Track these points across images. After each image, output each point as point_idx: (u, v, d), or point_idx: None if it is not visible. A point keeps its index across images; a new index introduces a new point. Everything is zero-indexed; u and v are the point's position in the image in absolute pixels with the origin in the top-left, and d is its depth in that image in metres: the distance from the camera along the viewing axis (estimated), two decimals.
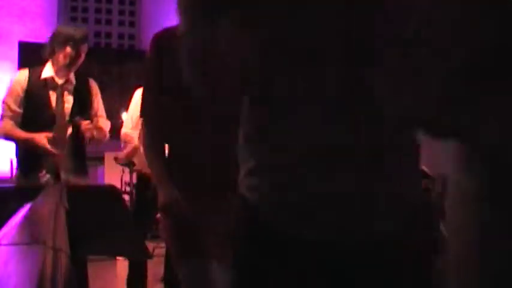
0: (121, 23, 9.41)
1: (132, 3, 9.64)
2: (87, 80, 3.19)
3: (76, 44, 2.97)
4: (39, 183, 2.78)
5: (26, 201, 0.95)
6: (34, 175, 2.90)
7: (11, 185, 3.85)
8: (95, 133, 3.07)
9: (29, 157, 3.00)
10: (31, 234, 0.54)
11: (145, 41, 9.24)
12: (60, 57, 2.97)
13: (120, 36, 9.37)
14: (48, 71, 3.03)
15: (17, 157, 3.18)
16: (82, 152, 3.14)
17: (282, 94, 0.93)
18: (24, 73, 3.07)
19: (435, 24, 0.84)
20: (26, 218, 0.72)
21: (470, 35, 0.84)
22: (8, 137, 3.11)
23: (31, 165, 2.97)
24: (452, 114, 0.86)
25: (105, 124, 3.26)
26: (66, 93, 3.05)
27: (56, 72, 3.02)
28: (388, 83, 0.86)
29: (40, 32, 8.86)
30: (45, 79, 3.02)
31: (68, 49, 2.95)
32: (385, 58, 0.85)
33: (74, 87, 3.07)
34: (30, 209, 0.83)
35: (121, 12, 9.60)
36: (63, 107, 3.02)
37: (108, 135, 3.30)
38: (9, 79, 3.12)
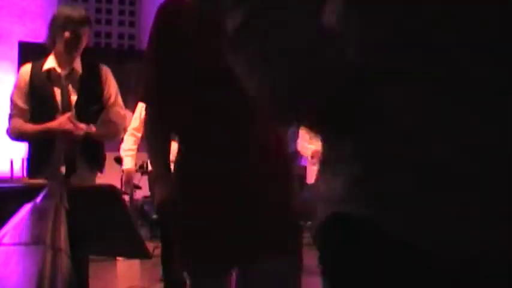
0: (121, 23, 9.42)
1: (132, 3, 9.64)
2: (96, 67, 2.91)
3: (75, 27, 2.74)
4: (46, 179, 2.60)
5: (26, 201, 0.95)
6: (49, 170, 2.70)
7: (11, 185, 3.85)
8: (97, 130, 2.80)
9: (43, 153, 2.79)
10: (31, 234, 0.54)
11: (145, 41, 9.25)
12: (61, 45, 2.77)
13: (120, 36, 9.38)
14: (50, 62, 2.81)
15: (28, 156, 2.94)
16: (94, 147, 2.89)
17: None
18: (27, 67, 2.87)
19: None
20: (26, 218, 0.72)
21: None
22: (21, 134, 2.87)
23: (45, 160, 2.76)
24: None
25: (118, 116, 2.94)
26: (71, 83, 2.81)
27: (59, 62, 2.80)
28: None
29: (40, 32, 8.85)
30: (48, 70, 2.79)
31: (67, 34, 2.74)
32: None
33: (80, 76, 2.82)
34: (30, 209, 0.83)
35: (121, 12, 9.60)
36: (68, 99, 2.79)
37: (122, 127, 3.03)
38: (9, 79, 3.08)
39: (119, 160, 6.47)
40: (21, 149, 8.30)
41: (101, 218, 1.81)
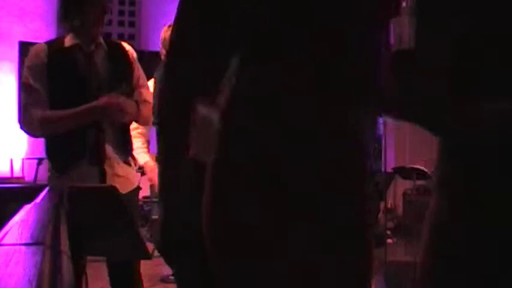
0: (121, 23, 9.42)
1: (132, 4, 9.64)
2: (120, 44, 2.52)
3: None
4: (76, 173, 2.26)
5: (26, 201, 0.95)
6: (77, 165, 2.29)
7: (11, 185, 3.83)
8: (136, 110, 2.40)
9: (69, 145, 2.30)
10: (31, 234, 0.54)
11: (145, 41, 9.28)
12: (81, 19, 2.33)
13: (120, 36, 9.38)
14: (72, 39, 2.36)
15: (49, 152, 2.41)
16: (125, 136, 2.48)
17: None
18: (42, 45, 2.38)
19: None
20: (26, 218, 0.72)
21: None
22: (50, 126, 2.31)
23: (72, 154, 2.29)
24: None
25: (151, 97, 2.54)
26: (98, 60, 2.38)
27: (82, 39, 2.36)
28: None
29: (40, 32, 8.88)
30: (70, 47, 2.35)
31: (89, 6, 2.33)
32: None
33: (107, 53, 2.41)
34: (30, 209, 0.83)
35: (121, 13, 9.60)
36: (99, 78, 2.35)
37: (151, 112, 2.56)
38: (9, 79, 2.65)
39: None
40: (21, 149, 8.30)
41: (100, 218, 1.81)
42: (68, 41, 2.36)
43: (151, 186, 4.47)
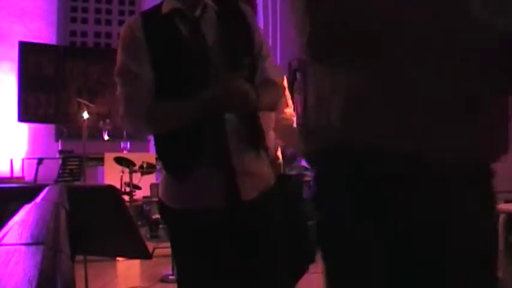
0: (121, 23, 9.42)
1: (132, 4, 9.64)
2: (235, 2, 1.90)
3: None
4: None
5: (26, 201, 0.95)
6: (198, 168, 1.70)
7: (11, 185, 3.82)
8: (262, 93, 1.73)
9: (183, 147, 1.72)
10: (31, 234, 0.54)
11: None
12: None
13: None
14: (171, 2, 1.81)
15: (162, 158, 1.86)
16: (255, 123, 1.83)
17: None
18: (134, 20, 1.83)
19: None
20: (26, 218, 0.72)
21: None
22: (155, 117, 1.76)
23: (189, 158, 1.73)
24: None
25: (276, 73, 1.92)
26: (207, 29, 1.78)
27: (183, 1, 1.80)
28: None
29: (40, 32, 8.88)
30: (170, 13, 1.80)
31: None
32: None
33: (219, 15, 1.81)
34: (30, 209, 0.83)
35: (121, 13, 9.61)
36: (209, 50, 1.76)
37: (282, 90, 2.04)
38: (9, 79, 2.20)
39: (119, 160, 6.47)
40: (21, 149, 8.30)
41: (100, 218, 1.81)
42: (167, 5, 1.82)
43: None
